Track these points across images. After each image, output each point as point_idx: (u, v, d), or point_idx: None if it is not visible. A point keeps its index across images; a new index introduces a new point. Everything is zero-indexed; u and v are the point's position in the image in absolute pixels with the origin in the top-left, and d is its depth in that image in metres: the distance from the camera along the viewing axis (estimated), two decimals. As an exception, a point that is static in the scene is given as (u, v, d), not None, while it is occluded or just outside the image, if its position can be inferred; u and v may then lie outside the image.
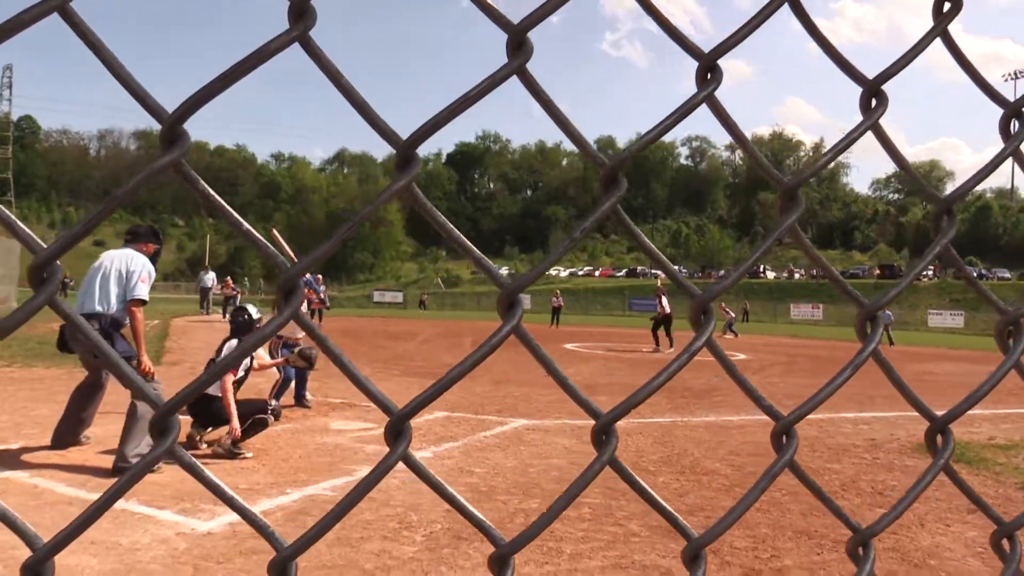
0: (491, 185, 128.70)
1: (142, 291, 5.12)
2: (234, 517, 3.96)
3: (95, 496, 3.03)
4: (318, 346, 0.56)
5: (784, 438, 0.76)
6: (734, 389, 11.80)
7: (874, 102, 0.75)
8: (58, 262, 0.48)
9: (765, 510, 4.70)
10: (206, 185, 0.53)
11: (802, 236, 0.76)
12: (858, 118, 0.75)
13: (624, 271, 79.89)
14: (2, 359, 10.65)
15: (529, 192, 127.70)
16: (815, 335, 32.85)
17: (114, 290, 5.09)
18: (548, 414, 7.69)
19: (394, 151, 0.57)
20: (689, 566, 0.69)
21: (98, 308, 5.04)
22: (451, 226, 0.58)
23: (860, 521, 0.77)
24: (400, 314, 45.59)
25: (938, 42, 0.75)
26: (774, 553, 3.95)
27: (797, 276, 70.39)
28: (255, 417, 5.56)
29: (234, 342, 5.88)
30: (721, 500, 4.89)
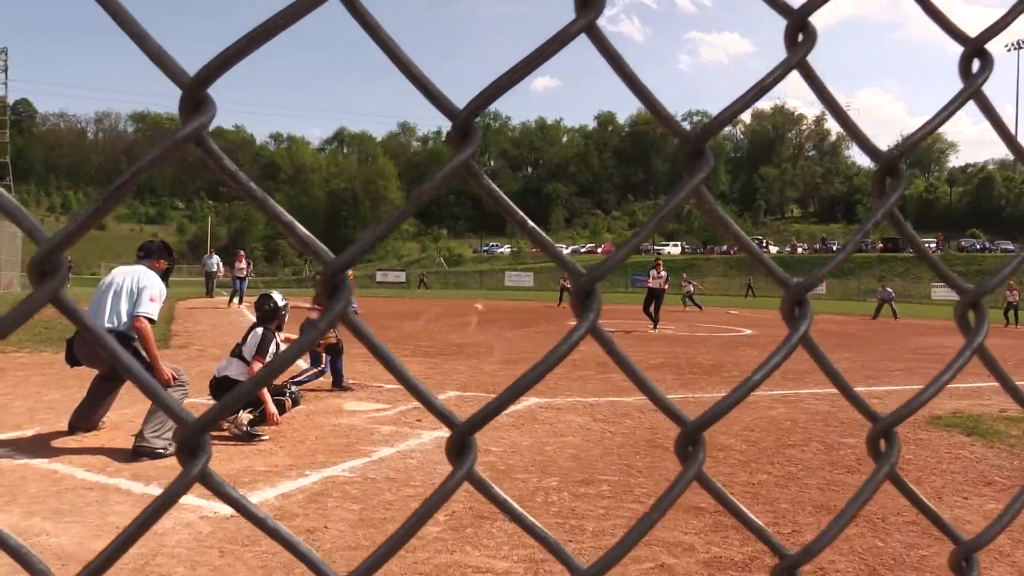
0: (492, 163, 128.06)
1: (150, 309, 5.06)
2: (255, 499, 3.97)
3: (115, 481, 3.03)
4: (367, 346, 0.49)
5: (883, 443, 0.66)
6: (741, 364, 11.74)
7: (976, 64, 0.65)
8: (65, 254, 0.41)
9: (783, 485, 4.71)
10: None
11: (901, 218, 0.68)
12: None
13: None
14: (11, 344, 10.64)
15: (530, 169, 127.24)
16: (819, 309, 32.82)
17: (124, 307, 5.05)
18: (559, 392, 7.69)
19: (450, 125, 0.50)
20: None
21: (108, 325, 4.99)
22: (515, 207, 0.53)
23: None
24: (404, 294, 45.58)
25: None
26: (795, 528, 3.95)
27: (800, 251, 70.29)
28: (273, 399, 5.58)
29: (260, 330, 5.88)
30: (738, 475, 4.90)
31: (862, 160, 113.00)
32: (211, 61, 0.42)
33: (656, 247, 78.56)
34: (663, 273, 18.17)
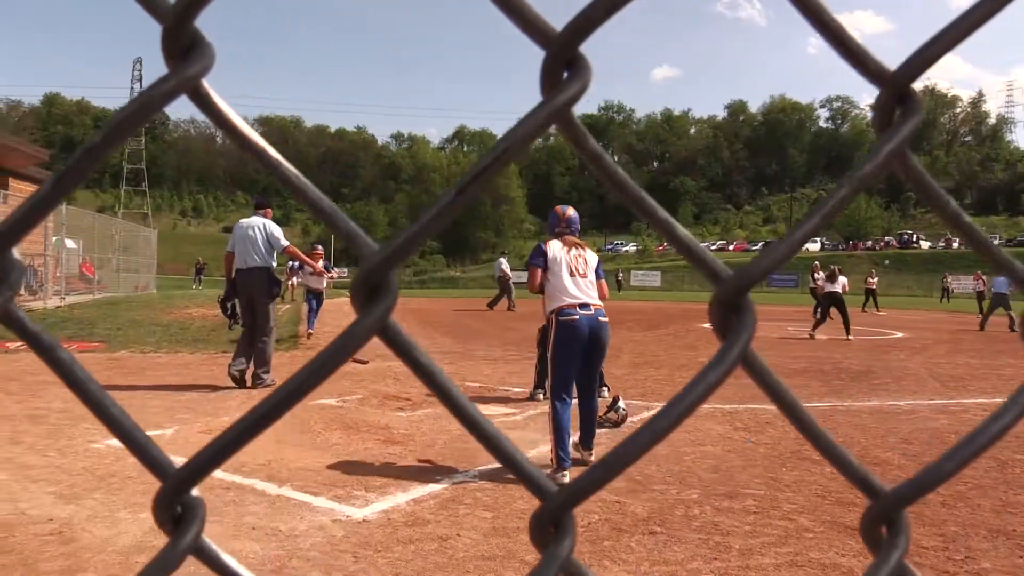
0: (616, 158, 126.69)
1: (286, 242, 7.80)
2: (387, 504, 3.95)
3: (251, 482, 3.03)
4: None
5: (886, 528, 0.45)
6: (893, 370, 10.81)
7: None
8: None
9: (951, 505, 4.21)
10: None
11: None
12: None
13: (760, 244, 76.57)
14: (149, 345, 11.28)
15: (655, 164, 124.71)
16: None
17: (265, 248, 7.55)
18: (695, 397, 7.31)
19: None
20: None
21: (260, 263, 7.53)
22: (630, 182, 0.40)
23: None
24: (526, 295, 45.79)
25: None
26: (968, 554, 3.49)
27: (956, 245, 65.01)
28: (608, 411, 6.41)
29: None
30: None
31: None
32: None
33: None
34: (822, 273, 16.93)
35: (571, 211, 5.29)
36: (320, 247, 12.39)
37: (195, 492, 0.36)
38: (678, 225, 0.39)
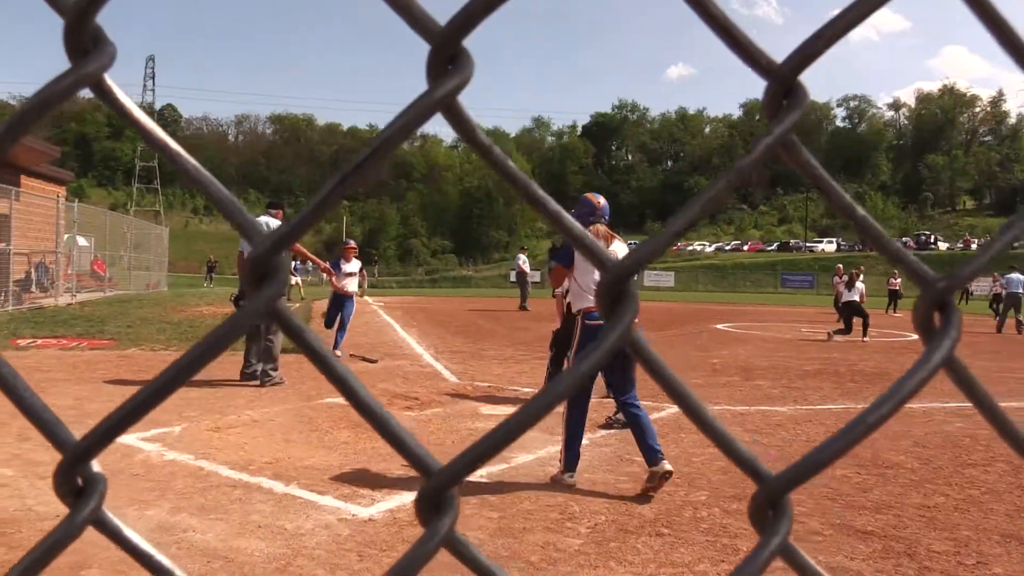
0: (629, 157, 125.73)
1: None
2: (393, 503, 3.95)
3: (257, 480, 3.04)
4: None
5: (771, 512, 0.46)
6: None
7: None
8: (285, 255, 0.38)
9: (964, 510, 4.16)
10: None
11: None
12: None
13: (775, 245, 76.06)
14: (159, 343, 11.22)
15: (670, 163, 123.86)
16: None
17: None
18: (704, 400, 7.24)
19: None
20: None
21: None
22: (519, 174, 0.40)
23: None
24: (537, 294, 45.72)
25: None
26: (980, 559, 3.45)
27: (975, 247, 64.30)
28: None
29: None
30: (910, 496, 4.37)
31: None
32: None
33: (808, 244, 74.42)
34: (844, 277, 16.20)
35: (603, 200, 5.17)
36: (352, 242, 10.62)
37: (96, 468, 0.38)
38: (567, 216, 0.41)
